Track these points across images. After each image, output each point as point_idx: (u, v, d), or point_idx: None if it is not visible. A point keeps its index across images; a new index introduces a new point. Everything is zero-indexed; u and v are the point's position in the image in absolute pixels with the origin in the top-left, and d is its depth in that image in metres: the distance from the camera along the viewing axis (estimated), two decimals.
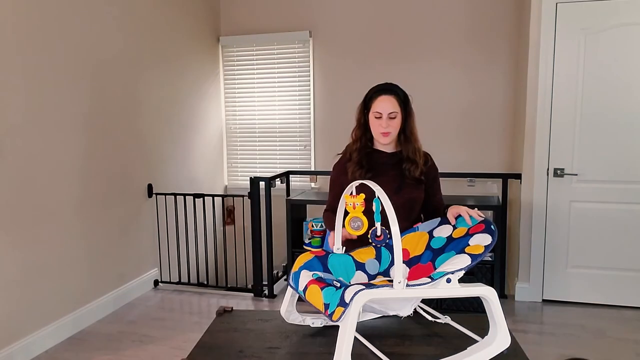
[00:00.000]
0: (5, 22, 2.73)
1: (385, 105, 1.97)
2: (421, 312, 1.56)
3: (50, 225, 3.06)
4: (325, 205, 2.22)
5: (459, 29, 4.23)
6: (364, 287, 1.21)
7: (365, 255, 1.59)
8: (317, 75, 4.66)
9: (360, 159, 2.04)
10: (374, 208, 1.41)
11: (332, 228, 1.65)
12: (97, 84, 3.41)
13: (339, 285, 1.29)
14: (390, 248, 1.59)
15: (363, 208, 1.46)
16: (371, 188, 1.31)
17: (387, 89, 2.01)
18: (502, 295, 3.75)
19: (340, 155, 2.17)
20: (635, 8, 3.33)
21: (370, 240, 1.61)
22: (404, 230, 1.53)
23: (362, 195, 1.45)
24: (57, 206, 3.11)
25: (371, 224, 1.50)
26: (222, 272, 4.17)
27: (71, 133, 3.20)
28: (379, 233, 1.54)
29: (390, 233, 1.60)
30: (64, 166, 3.16)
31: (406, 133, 2.03)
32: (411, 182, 2.02)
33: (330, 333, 1.47)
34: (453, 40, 4.25)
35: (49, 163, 3.04)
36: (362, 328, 1.50)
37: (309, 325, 1.54)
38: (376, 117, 1.98)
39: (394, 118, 1.98)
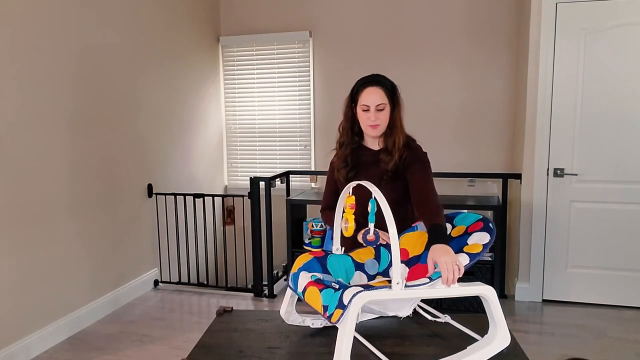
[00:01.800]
0: (2, 22, 2.73)
1: (373, 97, 1.91)
2: (421, 311, 1.56)
3: (50, 225, 3.06)
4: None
5: (459, 29, 4.22)
6: (363, 288, 1.21)
7: (365, 255, 1.59)
8: (317, 75, 4.66)
9: (345, 156, 1.99)
10: (369, 209, 1.41)
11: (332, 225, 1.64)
12: (96, 84, 3.41)
13: (337, 287, 1.29)
14: (389, 248, 1.59)
15: (353, 210, 1.46)
16: (359, 190, 1.30)
17: (374, 80, 1.95)
18: (502, 295, 3.75)
19: (335, 150, 2.11)
20: (635, 8, 3.33)
21: (362, 242, 1.61)
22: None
23: (352, 197, 1.45)
24: (57, 206, 3.11)
25: (362, 225, 1.50)
26: (222, 272, 4.17)
27: (70, 133, 3.20)
28: (371, 234, 1.53)
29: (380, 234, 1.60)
30: (63, 166, 3.16)
31: (390, 125, 1.96)
32: (391, 176, 1.93)
33: (330, 333, 1.47)
34: (453, 40, 4.25)
35: (48, 163, 3.04)
36: (362, 328, 1.50)
37: (309, 326, 1.54)
38: (364, 110, 1.93)
39: (382, 110, 1.92)
